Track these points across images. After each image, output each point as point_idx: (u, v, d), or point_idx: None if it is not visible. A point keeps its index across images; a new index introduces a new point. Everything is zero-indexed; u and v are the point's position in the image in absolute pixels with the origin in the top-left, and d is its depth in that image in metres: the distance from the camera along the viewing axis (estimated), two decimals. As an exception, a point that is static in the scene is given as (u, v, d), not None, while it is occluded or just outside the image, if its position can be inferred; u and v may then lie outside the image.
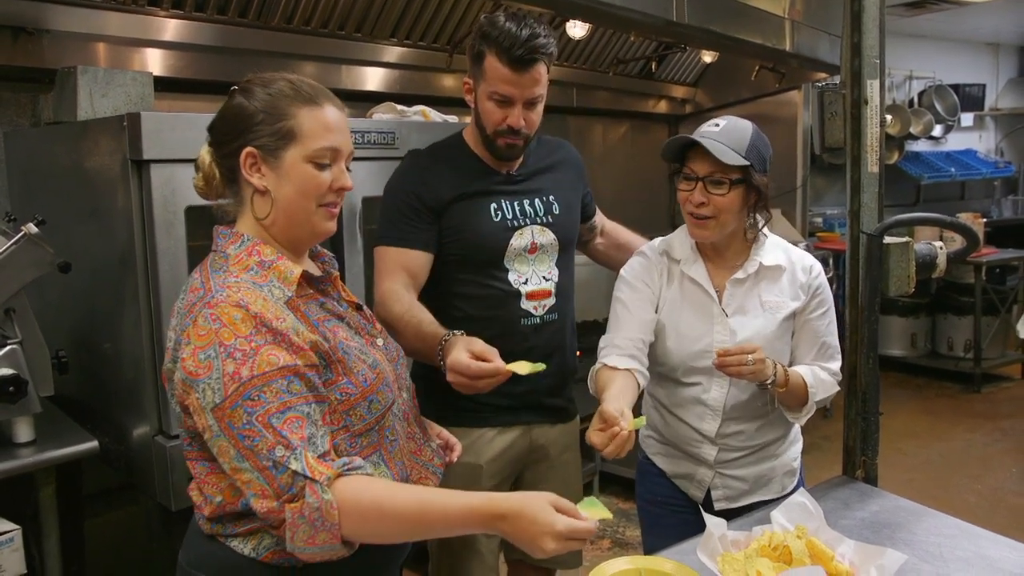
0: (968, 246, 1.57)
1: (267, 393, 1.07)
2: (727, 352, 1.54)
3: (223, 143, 1.20)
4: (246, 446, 1.06)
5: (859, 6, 1.43)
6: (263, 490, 1.06)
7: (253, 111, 1.17)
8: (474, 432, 1.78)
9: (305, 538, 1.06)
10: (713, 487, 1.76)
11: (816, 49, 3.94)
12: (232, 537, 1.20)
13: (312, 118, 1.18)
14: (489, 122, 1.68)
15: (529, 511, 1.06)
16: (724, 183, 1.60)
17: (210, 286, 1.15)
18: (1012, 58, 8.10)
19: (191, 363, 1.09)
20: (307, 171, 1.18)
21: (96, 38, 2.43)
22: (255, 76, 1.22)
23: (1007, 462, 3.96)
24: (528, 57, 1.60)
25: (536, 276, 1.79)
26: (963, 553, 1.31)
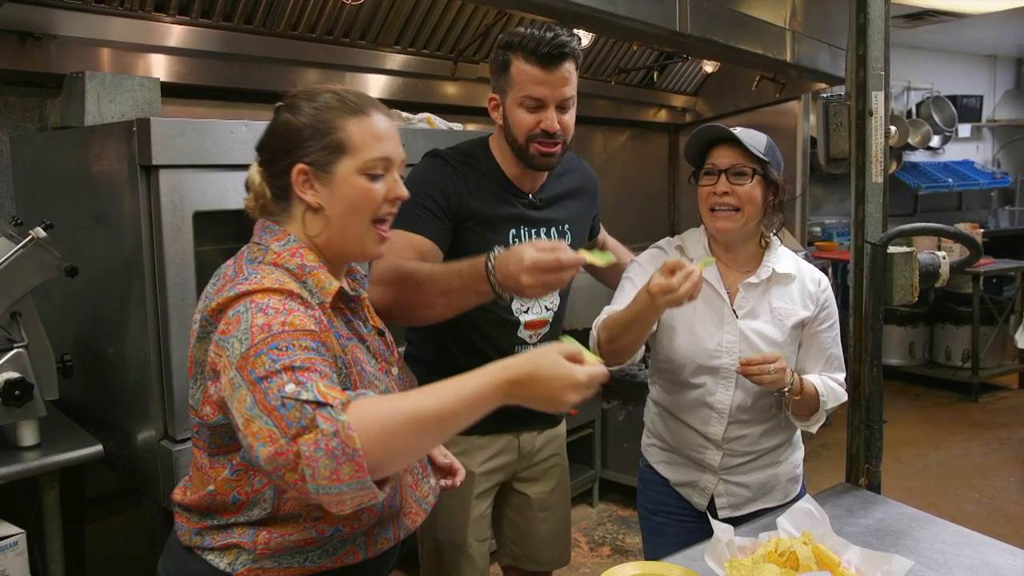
0: (971, 256, 1.59)
1: (296, 347, 1.03)
2: (750, 361, 1.57)
3: (273, 161, 1.19)
4: (262, 389, 1.00)
5: (864, 19, 1.45)
6: (270, 434, 0.97)
7: (300, 126, 1.16)
8: (465, 440, 1.78)
9: (328, 474, 0.94)
10: (717, 494, 1.76)
11: (816, 60, 3.97)
12: (209, 551, 1.18)
13: (361, 128, 1.16)
14: (521, 129, 1.64)
15: (544, 369, 1.04)
16: (747, 173, 1.64)
17: (244, 272, 1.14)
18: (1009, 70, 8.17)
19: (222, 324, 1.08)
20: (360, 183, 1.16)
21: (102, 43, 2.43)
22: (299, 91, 1.21)
23: (1005, 471, 3.97)
24: (556, 53, 1.58)
25: (539, 305, 1.79)
26: (967, 560, 1.32)
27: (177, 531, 1.24)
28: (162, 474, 1.78)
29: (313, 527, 1.17)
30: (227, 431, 1.15)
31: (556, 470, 1.92)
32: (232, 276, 1.13)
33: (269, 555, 1.16)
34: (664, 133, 5.24)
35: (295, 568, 1.17)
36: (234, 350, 1.04)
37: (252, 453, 0.99)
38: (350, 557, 1.21)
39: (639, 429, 2.04)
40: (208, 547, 1.18)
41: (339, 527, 1.19)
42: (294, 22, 2.80)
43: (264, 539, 1.16)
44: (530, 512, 1.90)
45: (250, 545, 1.16)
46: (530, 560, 1.94)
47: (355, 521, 1.20)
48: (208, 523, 1.20)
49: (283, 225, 1.20)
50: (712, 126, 1.70)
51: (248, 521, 1.17)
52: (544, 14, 2.78)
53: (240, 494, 1.16)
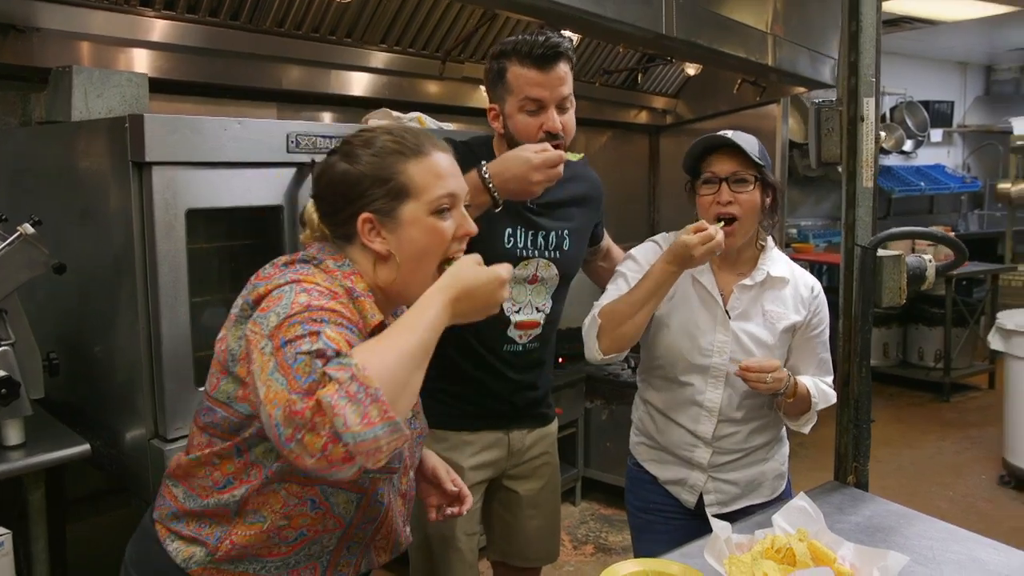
0: (956, 260, 1.63)
1: (331, 324, 1.03)
2: (749, 367, 1.61)
3: (333, 212, 1.18)
4: (283, 351, 0.99)
5: (857, 26, 1.48)
6: (281, 395, 0.95)
7: (360, 175, 1.15)
8: (454, 435, 1.80)
9: (359, 420, 0.92)
10: (706, 492, 1.79)
11: (796, 63, 4.03)
12: (175, 538, 1.19)
13: (422, 169, 1.16)
14: (525, 135, 1.65)
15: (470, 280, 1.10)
16: (748, 180, 1.67)
17: (295, 266, 1.14)
18: (979, 77, 8.34)
19: (264, 303, 1.08)
20: (429, 223, 1.16)
21: (85, 37, 2.40)
22: (354, 136, 1.20)
23: (976, 469, 4.06)
24: (550, 53, 1.60)
25: (530, 306, 1.80)
26: (954, 556, 1.35)
27: (156, 505, 1.25)
28: (152, 473, 1.76)
29: (277, 534, 1.17)
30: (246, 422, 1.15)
31: (546, 468, 1.94)
32: (283, 268, 1.15)
33: (226, 560, 1.17)
34: (645, 135, 5.27)
35: (249, 574, 1.18)
36: (269, 322, 1.04)
37: (270, 424, 0.96)
38: (307, 573, 1.21)
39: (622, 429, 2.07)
40: (176, 533, 1.19)
41: (304, 531, 1.19)
42: (280, 19, 2.78)
43: (227, 546, 1.17)
44: (519, 509, 1.92)
45: (212, 548, 1.17)
46: (519, 556, 1.95)
47: (320, 525, 1.19)
48: (185, 504, 1.20)
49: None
50: (710, 136, 1.72)
51: (215, 512, 1.17)
52: (532, 15, 2.79)
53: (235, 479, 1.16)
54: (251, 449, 1.16)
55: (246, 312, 1.12)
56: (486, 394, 1.79)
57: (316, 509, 1.18)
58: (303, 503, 1.17)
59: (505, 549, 1.95)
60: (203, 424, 1.21)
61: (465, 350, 1.74)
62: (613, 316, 1.68)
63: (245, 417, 1.14)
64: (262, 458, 1.15)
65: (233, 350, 1.13)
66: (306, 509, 1.18)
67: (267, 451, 1.14)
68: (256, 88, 2.93)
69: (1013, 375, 3.81)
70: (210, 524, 1.19)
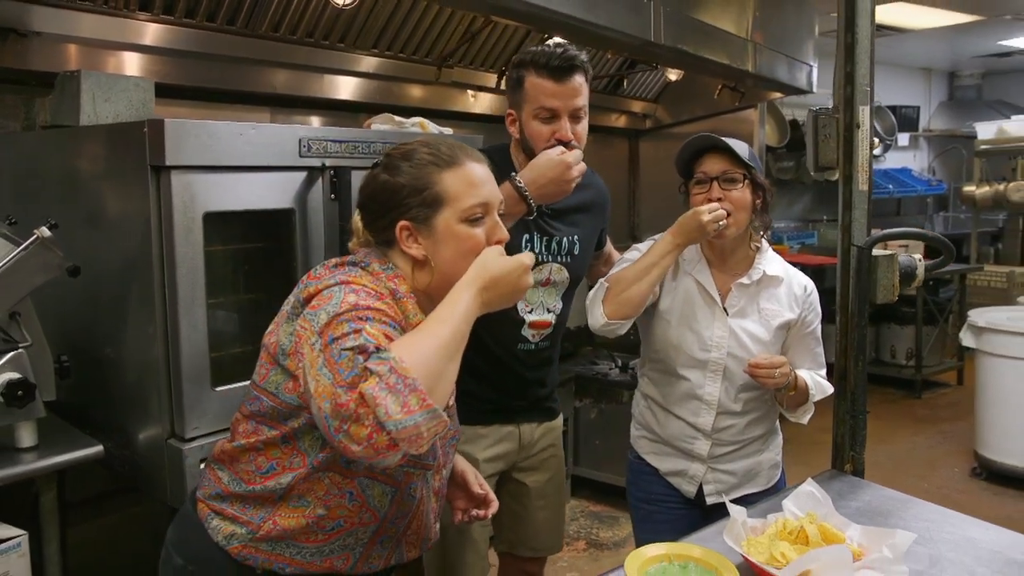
0: (944, 259, 1.73)
1: (375, 322, 1.09)
2: (759, 364, 1.69)
3: (376, 220, 1.27)
4: (331, 347, 1.05)
5: (852, 38, 1.57)
6: (331, 391, 1.01)
7: (399, 186, 1.23)
8: (470, 429, 1.85)
9: (399, 409, 0.98)
10: (705, 482, 1.87)
11: (775, 70, 4.15)
12: (215, 516, 1.25)
13: (456, 179, 1.23)
14: (538, 141, 1.73)
15: (496, 269, 1.18)
16: (737, 179, 1.75)
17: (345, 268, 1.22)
18: (943, 83, 8.60)
19: (315, 301, 1.15)
20: (462, 231, 1.23)
21: (83, 41, 2.41)
22: (394, 150, 1.28)
23: (950, 462, 4.21)
24: (566, 65, 1.68)
25: (542, 307, 1.88)
26: (949, 535, 1.44)
27: (200, 486, 1.31)
28: (169, 473, 1.78)
29: (317, 522, 1.22)
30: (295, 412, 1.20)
31: (553, 461, 2.01)
32: (332, 269, 1.23)
33: (265, 539, 1.22)
34: (624, 138, 5.36)
35: (285, 557, 1.24)
36: (319, 320, 1.11)
37: (320, 416, 1.02)
38: (340, 562, 1.27)
39: (611, 427, 2.15)
40: (217, 511, 1.25)
41: (341, 522, 1.24)
42: (276, 23, 2.81)
43: (268, 527, 1.22)
44: (527, 500, 1.98)
45: (255, 527, 1.22)
46: (525, 546, 2.01)
47: (356, 517, 1.25)
48: (230, 487, 1.26)
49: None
50: (701, 136, 1.81)
51: (261, 496, 1.23)
52: (526, 21, 2.86)
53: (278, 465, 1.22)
54: (299, 439, 1.21)
55: (297, 310, 1.18)
56: (500, 390, 1.85)
57: (353, 501, 1.24)
58: (342, 495, 1.23)
59: (513, 540, 2.01)
60: (249, 412, 1.27)
61: (481, 349, 1.80)
62: (620, 281, 1.79)
63: (293, 407, 1.19)
64: (308, 448, 1.20)
65: (284, 344, 1.19)
66: (344, 501, 1.23)
67: (314, 441, 1.20)
68: (250, 92, 2.96)
69: (984, 371, 3.96)
70: (254, 506, 1.24)
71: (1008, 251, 6.62)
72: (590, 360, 3.95)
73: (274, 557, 1.23)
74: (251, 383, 1.27)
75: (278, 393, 1.21)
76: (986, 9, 5.63)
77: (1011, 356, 3.78)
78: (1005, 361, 3.80)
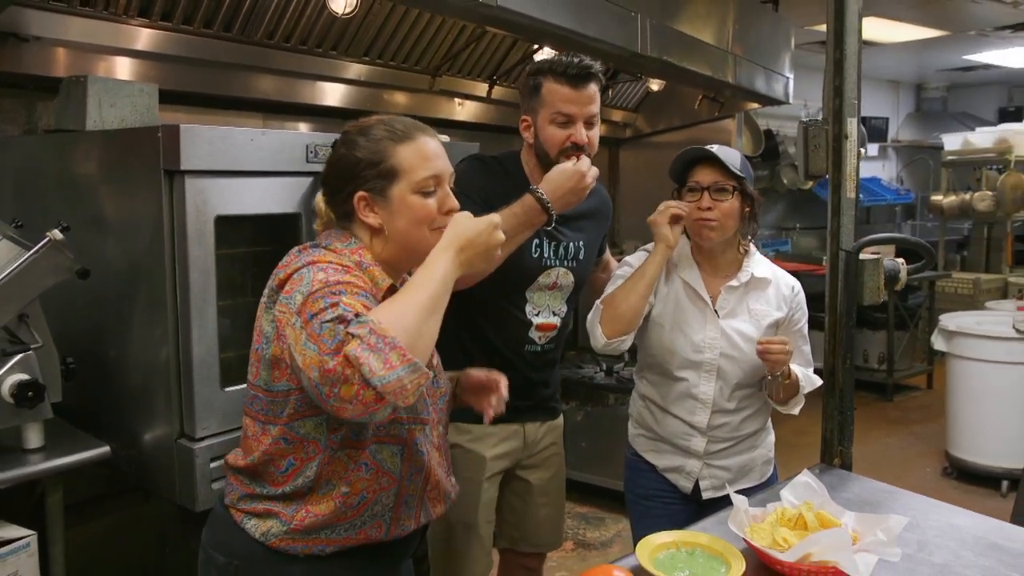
0: (925, 263, 1.82)
1: (348, 294, 1.17)
2: (769, 341, 1.77)
3: (336, 192, 1.35)
4: (312, 323, 1.12)
5: (841, 55, 1.66)
6: (315, 358, 1.09)
7: (356, 159, 1.31)
8: (476, 428, 1.92)
9: (382, 366, 1.06)
10: (701, 478, 1.94)
11: (754, 81, 4.27)
12: (250, 516, 1.31)
13: (409, 153, 1.31)
14: (553, 144, 1.80)
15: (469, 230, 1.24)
16: (727, 189, 1.83)
17: (308, 251, 1.29)
18: (910, 95, 8.85)
19: (288, 286, 1.22)
20: (416, 201, 1.31)
21: (80, 46, 2.42)
22: (352, 126, 1.35)
23: (922, 462, 4.35)
24: (583, 74, 1.76)
25: (548, 310, 1.95)
26: (935, 523, 1.53)
27: (225, 492, 1.37)
28: (179, 472, 1.81)
29: (343, 500, 1.29)
30: (284, 399, 1.27)
31: (555, 459, 2.07)
32: (298, 255, 1.30)
33: (300, 529, 1.28)
34: (605, 147, 5.46)
35: (323, 539, 1.30)
36: (295, 301, 1.18)
37: (311, 386, 1.11)
38: (374, 531, 1.34)
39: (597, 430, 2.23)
40: (249, 511, 1.31)
41: (364, 494, 1.31)
42: (271, 31, 2.84)
43: (301, 516, 1.29)
44: (530, 497, 2.04)
45: (287, 518, 1.28)
46: (527, 543, 2.07)
47: (375, 484, 1.31)
48: (256, 489, 1.32)
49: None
50: (694, 148, 1.89)
51: (291, 494, 1.29)
52: (521, 32, 2.92)
53: (296, 460, 1.28)
54: (299, 431, 1.28)
55: (273, 297, 1.26)
56: (508, 391, 1.90)
57: (369, 471, 1.31)
58: (358, 467, 1.30)
59: (515, 536, 2.07)
60: (252, 412, 1.34)
61: (490, 351, 1.87)
62: (612, 300, 1.87)
63: (283, 394, 1.27)
64: (314, 433, 1.28)
65: (267, 332, 1.27)
66: (362, 473, 1.30)
67: (316, 426, 1.27)
68: (242, 98, 2.99)
69: (955, 373, 4.10)
70: (284, 502, 1.30)
71: (973, 259, 6.83)
72: (575, 364, 4.02)
73: (312, 542, 1.29)
74: (247, 382, 1.35)
75: (269, 387, 1.29)
76: (953, 25, 5.83)
77: (980, 359, 3.92)
78: (975, 364, 3.94)
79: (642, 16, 3.12)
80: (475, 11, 2.57)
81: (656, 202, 1.90)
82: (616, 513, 3.70)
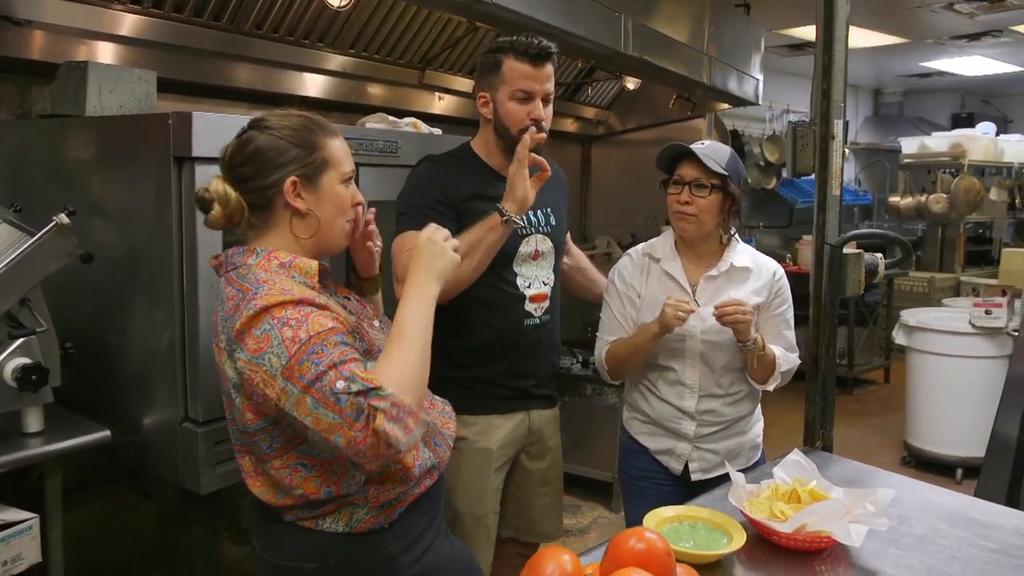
0: (904, 258, 1.94)
1: (328, 346, 1.22)
2: (725, 303, 1.85)
3: (256, 177, 1.35)
4: (316, 388, 1.19)
5: (829, 60, 1.76)
6: (338, 426, 1.18)
7: (286, 146, 1.35)
8: (483, 419, 1.98)
9: (403, 433, 1.20)
10: (691, 460, 2.02)
11: (727, 82, 4.39)
12: (321, 518, 1.34)
13: (336, 147, 1.40)
14: (514, 121, 1.88)
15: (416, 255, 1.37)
16: (706, 187, 1.92)
17: (247, 287, 1.29)
18: (868, 100, 9.12)
19: (252, 344, 1.24)
20: (341, 190, 1.40)
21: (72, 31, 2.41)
22: (268, 115, 1.39)
23: (881, 452, 4.53)
24: (543, 53, 1.86)
25: (537, 281, 2.01)
26: (912, 499, 1.63)
27: (276, 513, 1.37)
28: (183, 456, 1.84)
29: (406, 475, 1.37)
30: (267, 436, 1.31)
31: (555, 448, 2.14)
32: (239, 296, 1.29)
33: (379, 505, 1.34)
34: (577, 144, 5.54)
35: (397, 505, 1.38)
36: (273, 364, 1.22)
37: (330, 443, 1.21)
38: (429, 479, 1.43)
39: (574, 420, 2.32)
40: (319, 515, 1.34)
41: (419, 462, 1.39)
42: (259, 21, 2.86)
43: (373, 493, 1.34)
44: (531, 487, 2.10)
45: (363, 500, 1.33)
46: (530, 532, 2.13)
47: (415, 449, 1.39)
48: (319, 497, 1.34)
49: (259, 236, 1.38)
50: (678, 144, 1.97)
51: (350, 493, 1.33)
52: (509, 28, 2.98)
53: (329, 486, 1.32)
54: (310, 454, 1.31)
55: (232, 347, 1.28)
56: (511, 373, 1.97)
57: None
58: None
59: (518, 525, 2.12)
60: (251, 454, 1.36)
61: (491, 333, 1.93)
62: (615, 357, 2.03)
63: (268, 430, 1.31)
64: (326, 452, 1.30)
65: (232, 379, 1.30)
66: None
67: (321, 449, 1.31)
68: (226, 87, 2.99)
69: (914, 366, 4.28)
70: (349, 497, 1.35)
71: (928, 258, 7.09)
72: (552, 356, 4.09)
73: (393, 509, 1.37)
74: (235, 431, 1.38)
75: (245, 428, 1.33)
76: (912, 33, 6.06)
77: (938, 353, 4.11)
78: (933, 357, 4.13)
79: (625, 16, 3.21)
80: (468, 6, 2.63)
81: (627, 199, 2.01)
82: (592, 501, 3.79)
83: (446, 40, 3.42)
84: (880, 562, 1.37)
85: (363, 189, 2.20)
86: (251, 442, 1.33)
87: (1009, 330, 3.88)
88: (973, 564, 1.37)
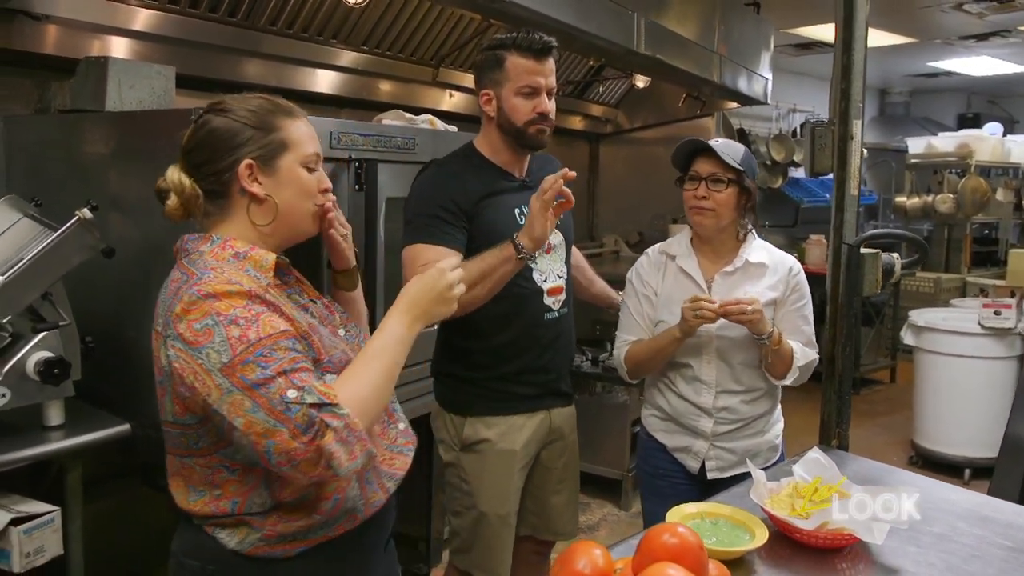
0: (919, 258, 1.95)
1: (278, 351, 1.15)
2: (726, 301, 1.85)
3: (211, 161, 1.27)
4: (261, 393, 1.12)
5: (849, 60, 1.76)
6: (279, 435, 1.11)
7: (240, 127, 1.27)
8: (505, 420, 1.98)
9: (347, 458, 1.14)
10: (708, 459, 2.03)
11: (737, 81, 4.40)
12: (220, 528, 1.26)
13: (296, 128, 1.31)
14: (519, 116, 1.88)
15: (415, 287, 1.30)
16: (723, 181, 1.93)
17: (192, 271, 1.22)
18: (874, 99, 9.12)
19: (188, 334, 1.15)
20: (303, 174, 1.30)
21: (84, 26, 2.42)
22: (224, 98, 1.32)
23: (888, 451, 4.53)
24: (546, 48, 1.87)
25: (552, 274, 2.01)
26: (930, 497, 1.62)
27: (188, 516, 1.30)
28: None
29: (315, 509, 1.26)
30: (194, 433, 1.23)
31: (572, 445, 2.14)
32: (183, 279, 1.22)
33: (277, 536, 1.26)
34: (585, 141, 5.55)
35: (299, 542, 1.27)
36: (212, 360, 1.14)
37: (258, 449, 1.13)
38: (348, 523, 1.32)
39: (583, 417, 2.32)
40: (220, 524, 1.26)
41: (337, 496, 1.28)
42: (273, 18, 2.87)
43: (272, 522, 1.26)
44: (549, 484, 2.10)
45: (259, 524, 1.25)
46: (547, 530, 2.14)
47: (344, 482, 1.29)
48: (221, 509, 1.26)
49: (216, 224, 1.30)
50: (694, 139, 1.99)
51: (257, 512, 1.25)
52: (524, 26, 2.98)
53: (238, 496, 1.25)
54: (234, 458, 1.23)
55: (167, 332, 1.20)
56: (532, 369, 1.97)
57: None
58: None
59: (536, 523, 2.12)
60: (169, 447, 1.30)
61: (511, 331, 1.93)
62: (635, 359, 2.04)
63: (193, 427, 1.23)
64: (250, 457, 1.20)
65: (164, 366, 1.22)
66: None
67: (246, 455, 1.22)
68: (236, 82, 2.99)
69: (922, 366, 4.29)
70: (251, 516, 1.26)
71: (934, 259, 7.07)
72: (561, 353, 4.10)
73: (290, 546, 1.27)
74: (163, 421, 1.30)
75: (176, 420, 1.25)
76: (921, 33, 6.05)
77: (946, 353, 4.11)
78: (942, 358, 4.13)
79: (638, 14, 3.22)
80: (481, 3, 2.64)
81: (635, 197, 2.01)
82: (601, 498, 3.80)
83: (459, 37, 3.42)
84: (901, 560, 1.38)
85: (381, 185, 2.23)
86: (178, 435, 1.26)
87: (1018, 331, 3.88)
88: (992, 562, 1.38)
